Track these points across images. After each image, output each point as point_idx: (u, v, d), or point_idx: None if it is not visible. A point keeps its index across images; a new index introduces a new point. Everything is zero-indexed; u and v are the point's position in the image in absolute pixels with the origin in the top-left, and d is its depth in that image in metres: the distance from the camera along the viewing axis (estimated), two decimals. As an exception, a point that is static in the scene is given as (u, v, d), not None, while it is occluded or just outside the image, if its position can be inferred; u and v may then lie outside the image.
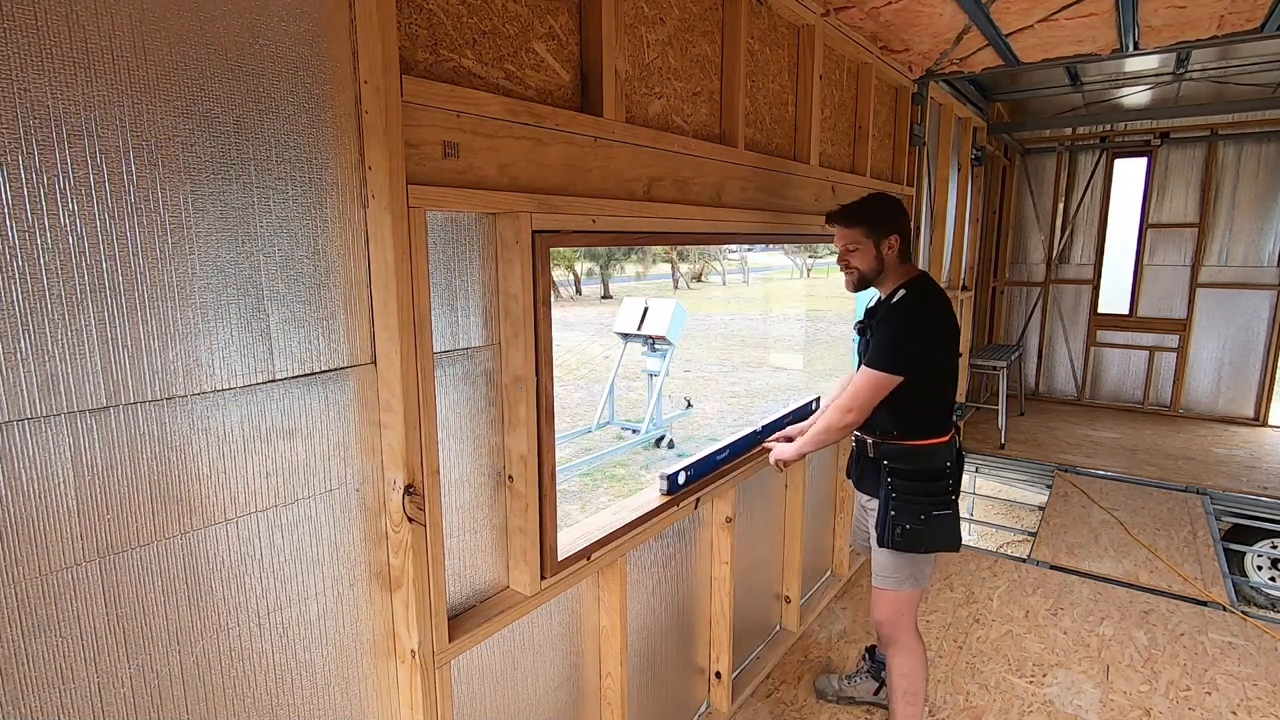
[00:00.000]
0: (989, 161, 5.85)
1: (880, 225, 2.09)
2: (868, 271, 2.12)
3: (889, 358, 2.00)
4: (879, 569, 2.17)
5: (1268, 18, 2.63)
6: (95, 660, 0.94)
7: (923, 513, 2.03)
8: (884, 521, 2.08)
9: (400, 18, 1.19)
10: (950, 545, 2.08)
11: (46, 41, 0.83)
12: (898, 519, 2.04)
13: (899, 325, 2.03)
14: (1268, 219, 5.84)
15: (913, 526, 2.03)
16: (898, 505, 2.04)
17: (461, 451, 1.44)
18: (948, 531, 2.07)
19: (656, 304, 8.43)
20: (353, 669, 1.28)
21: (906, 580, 2.13)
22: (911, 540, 2.04)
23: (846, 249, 2.14)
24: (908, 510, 2.04)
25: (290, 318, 1.11)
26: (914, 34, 2.92)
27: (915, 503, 2.04)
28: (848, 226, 2.12)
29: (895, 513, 2.04)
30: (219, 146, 1.00)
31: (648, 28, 1.81)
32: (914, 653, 2.18)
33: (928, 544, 2.05)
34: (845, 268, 2.17)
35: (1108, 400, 6.66)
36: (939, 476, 2.09)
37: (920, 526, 2.03)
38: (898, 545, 2.05)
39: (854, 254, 2.12)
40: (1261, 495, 4.35)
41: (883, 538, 2.08)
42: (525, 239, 1.43)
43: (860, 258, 2.11)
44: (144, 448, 0.96)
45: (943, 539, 2.06)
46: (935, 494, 2.06)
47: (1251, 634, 2.99)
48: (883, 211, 2.12)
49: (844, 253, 2.15)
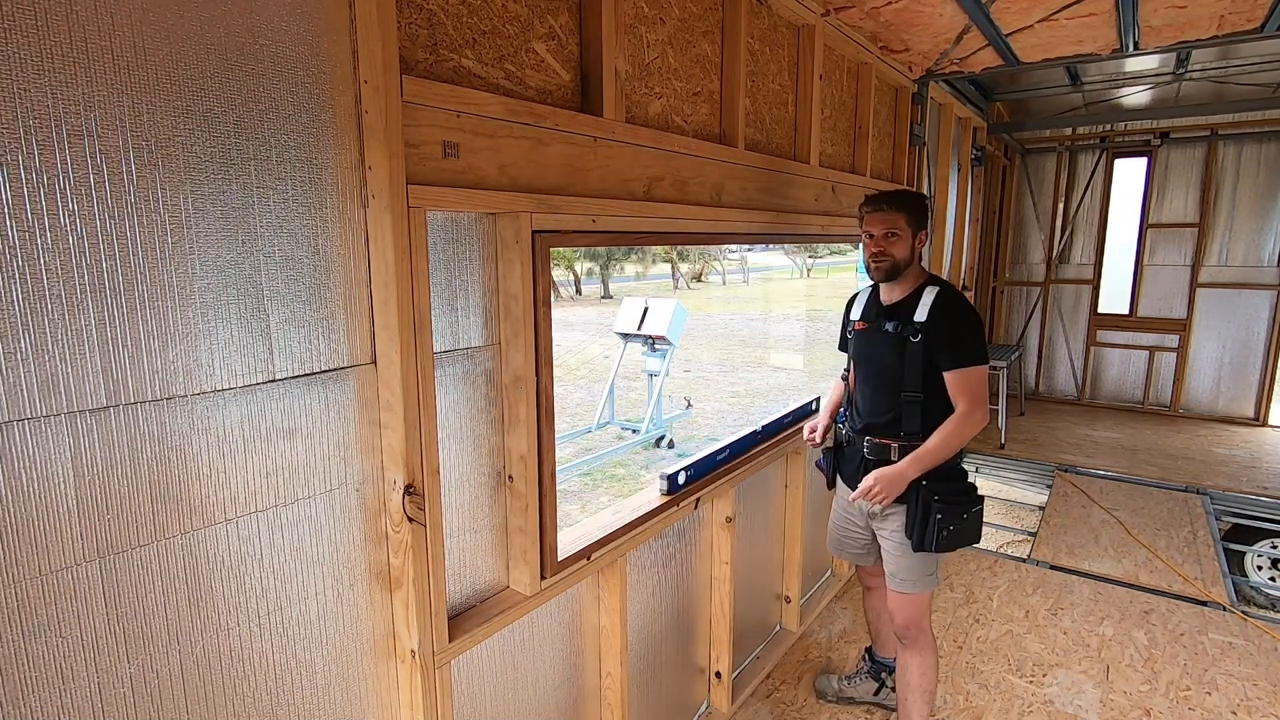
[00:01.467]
0: (989, 161, 5.85)
1: (919, 217, 2.08)
2: (901, 261, 2.08)
3: (979, 353, 2.01)
4: (907, 574, 2.13)
5: (1268, 18, 2.63)
6: (95, 660, 0.94)
7: (965, 511, 2.04)
8: (924, 525, 2.04)
9: (400, 18, 1.19)
10: (977, 538, 2.10)
11: (46, 41, 0.83)
12: (945, 520, 2.01)
13: (971, 322, 2.04)
14: (1268, 219, 5.84)
15: (956, 526, 2.02)
16: (943, 508, 2.01)
17: (461, 451, 1.44)
18: (977, 526, 2.09)
19: (656, 304, 8.43)
20: (353, 669, 1.28)
21: (930, 580, 2.13)
22: (955, 539, 2.03)
23: (887, 235, 2.07)
24: (952, 511, 2.02)
25: (290, 318, 1.11)
26: (914, 34, 2.92)
27: (958, 502, 2.03)
28: (893, 211, 2.07)
29: (942, 515, 2.01)
30: (219, 146, 1.00)
31: (648, 28, 1.81)
32: (932, 650, 2.19)
33: (965, 539, 2.06)
34: (880, 254, 2.09)
35: (1108, 400, 6.66)
36: (962, 475, 2.11)
37: (962, 525, 2.03)
38: (941, 546, 2.02)
39: (894, 241, 2.07)
40: (1261, 495, 4.35)
41: (924, 541, 2.04)
42: (525, 239, 1.43)
43: (900, 245, 2.07)
44: (144, 448, 0.96)
45: (974, 533, 2.08)
46: (969, 491, 2.07)
47: (1251, 634, 2.98)
48: (921, 205, 2.11)
49: (881, 238, 2.08)
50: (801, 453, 2.91)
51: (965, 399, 2.00)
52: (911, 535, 2.07)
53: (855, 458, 2.24)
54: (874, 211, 2.10)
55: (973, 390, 2.00)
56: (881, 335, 2.15)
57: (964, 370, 2.01)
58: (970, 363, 2.01)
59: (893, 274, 2.11)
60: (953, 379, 2.02)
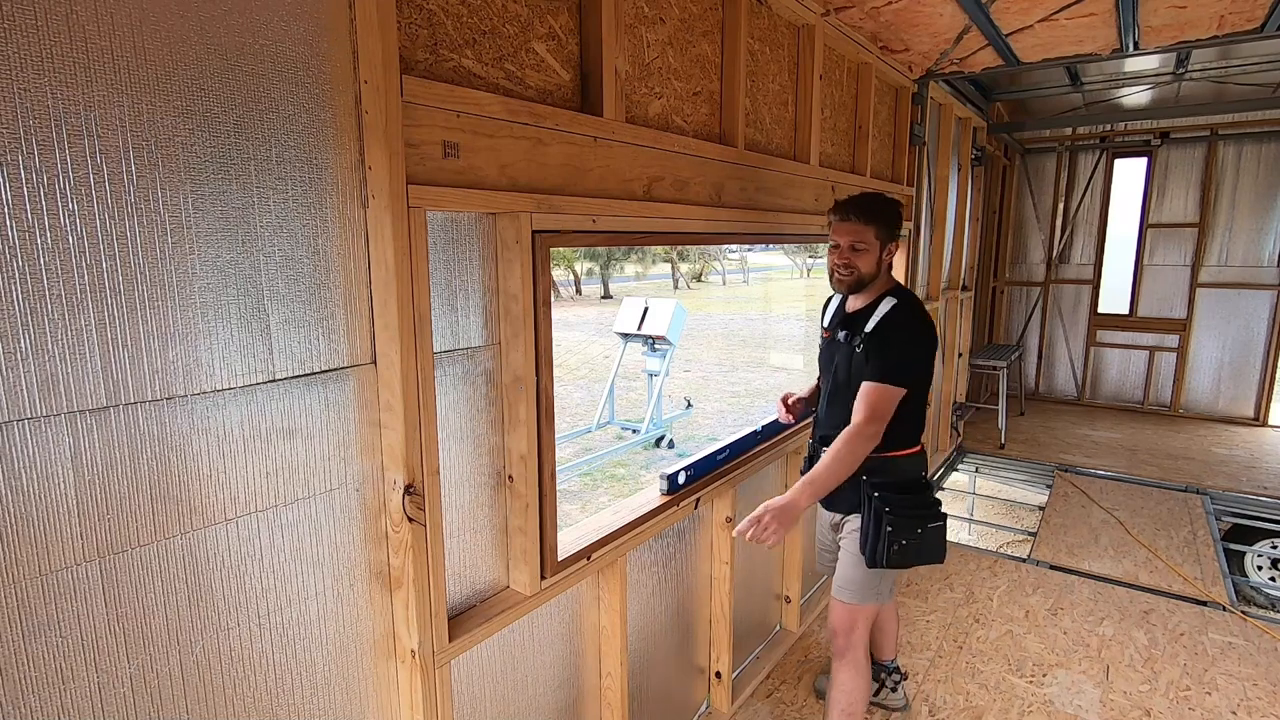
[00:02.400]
0: (989, 161, 5.85)
1: (891, 229, 1.99)
2: (867, 275, 2.00)
3: (900, 372, 1.91)
4: (849, 584, 2.07)
5: (1268, 18, 2.63)
6: (95, 660, 0.94)
7: (920, 526, 1.95)
8: (875, 538, 1.96)
9: (400, 18, 1.19)
10: (939, 557, 2.01)
11: (46, 41, 0.83)
12: (896, 534, 1.93)
13: (905, 338, 1.94)
14: (1268, 219, 5.84)
15: (909, 542, 1.94)
16: (895, 521, 1.93)
17: (461, 451, 1.44)
18: (938, 543, 2.00)
19: (656, 304, 8.43)
20: (353, 669, 1.28)
21: (872, 595, 2.06)
22: (907, 555, 1.95)
23: (853, 246, 1.97)
24: (906, 525, 1.94)
25: (290, 318, 1.11)
26: (914, 34, 2.92)
27: (912, 515, 1.95)
28: (863, 222, 1.96)
29: (893, 528, 1.93)
30: (219, 146, 1.00)
31: (648, 28, 1.81)
32: (860, 670, 2.09)
33: (922, 557, 1.97)
34: (845, 268, 2.00)
35: (1108, 400, 6.66)
36: (920, 488, 2.03)
37: (916, 540, 1.95)
38: (893, 562, 1.94)
39: (860, 254, 1.97)
40: (1261, 495, 4.35)
41: (875, 555, 1.96)
42: (525, 239, 1.43)
43: (866, 259, 1.98)
44: (144, 448, 0.96)
45: (934, 551, 1.99)
46: (928, 505, 1.99)
47: (1251, 634, 2.98)
48: (894, 215, 2.01)
49: (847, 250, 1.98)
50: (802, 453, 2.91)
51: (864, 412, 1.90)
52: (865, 548, 1.99)
53: None
54: (842, 221, 2.00)
55: (873, 406, 1.90)
56: (836, 345, 2.09)
57: (876, 385, 1.91)
58: (885, 379, 1.90)
59: (856, 288, 2.03)
60: (863, 390, 1.92)
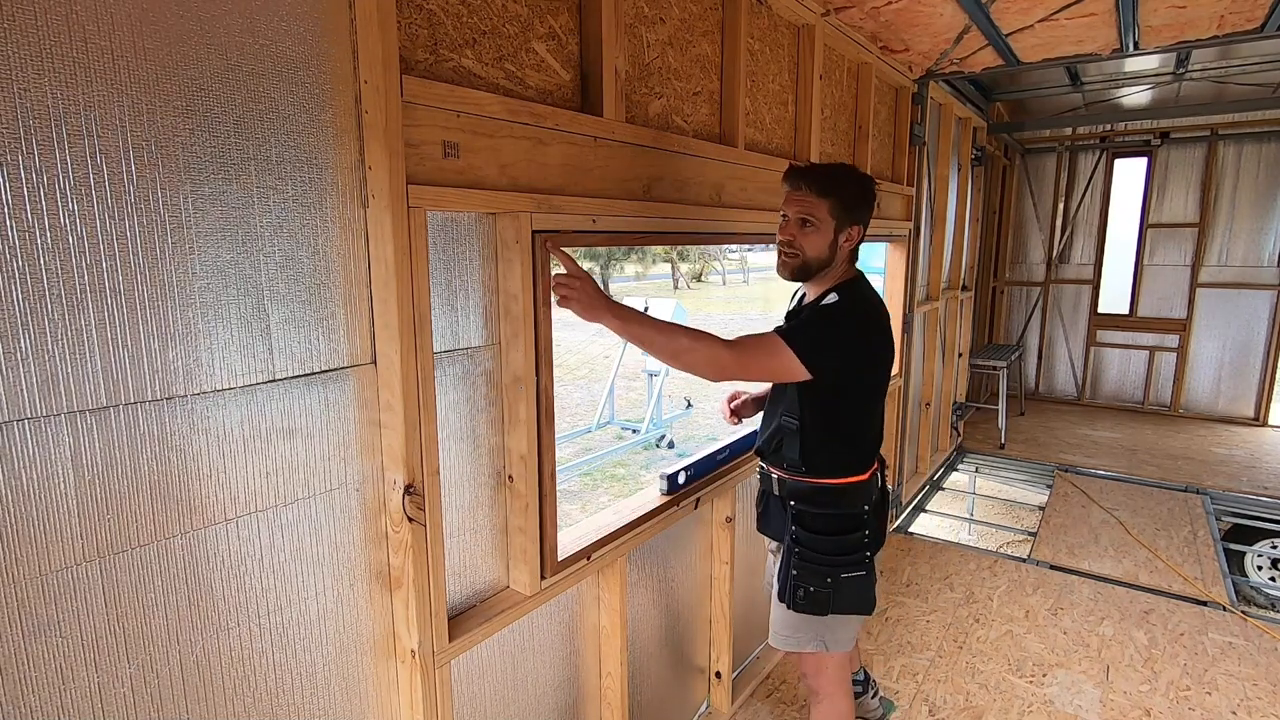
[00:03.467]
0: (989, 161, 5.85)
1: (851, 208, 1.66)
2: (814, 260, 1.66)
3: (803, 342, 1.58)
4: (776, 625, 1.82)
5: (1268, 18, 2.63)
6: (95, 660, 0.94)
7: (829, 575, 1.70)
8: (785, 577, 1.74)
9: (400, 18, 1.19)
10: (863, 608, 1.75)
11: (46, 41, 0.83)
12: (800, 579, 1.71)
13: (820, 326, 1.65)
14: (1268, 219, 5.84)
15: (816, 589, 1.70)
16: (800, 564, 1.70)
17: (461, 451, 1.44)
18: (860, 594, 1.73)
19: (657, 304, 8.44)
20: (353, 669, 1.28)
21: (810, 643, 1.77)
22: (816, 603, 1.71)
23: (801, 220, 1.64)
24: (812, 571, 1.70)
25: (290, 318, 1.11)
26: (914, 34, 2.92)
27: (822, 562, 1.70)
28: (815, 194, 1.63)
29: (798, 572, 1.71)
30: (219, 146, 1.00)
31: (648, 28, 1.81)
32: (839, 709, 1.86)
33: (835, 607, 1.71)
34: (788, 245, 1.67)
35: (1108, 400, 6.66)
36: (854, 527, 1.74)
37: (827, 590, 1.70)
38: (800, 608, 1.72)
39: (808, 232, 1.64)
40: (1261, 495, 4.35)
41: (783, 594, 1.75)
42: (525, 239, 1.43)
43: (813, 240, 1.64)
44: (144, 448, 0.96)
45: (854, 602, 1.73)
46: (847, 550, 1.72)
47: (1251, 634, 2.98)
48: (858, 192, 1.68)
49: (794, 224, 1.65)
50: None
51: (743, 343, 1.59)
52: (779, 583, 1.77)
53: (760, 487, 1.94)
54: (793, 190, 1.67)
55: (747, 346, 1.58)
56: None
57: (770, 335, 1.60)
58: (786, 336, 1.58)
59: (801, 275, 1.70)
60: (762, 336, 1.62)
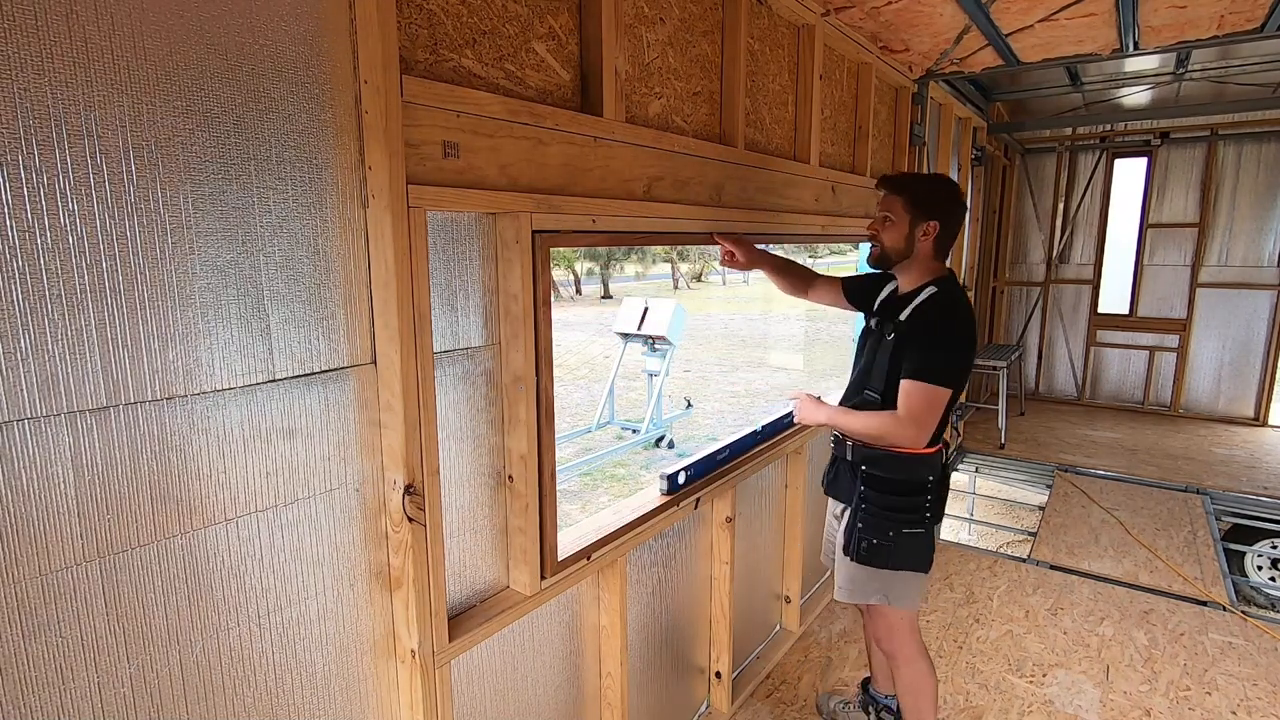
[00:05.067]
0: (989, 161, 5.85)
1: (925, 205, 1.91)
2: (891, 249, 1.94)
3: (944, 371, 1.82)
4: (841, 579, 2.03)
5: (1268, 18, 2.63)
6: (95, 660, 0.94)
7: (890, 529, 1.90)
8: (850, 531, 1.96)
9: (400, 18, 1.19)
10: (920, 565, 1.94)
11: (46, 41, 0.83)
12: (865, 531, 1.91)
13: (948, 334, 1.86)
14: (1268, 219, 5.84)
15: (879, 543, 1.90)
16: (865, 518, 1.91)
17: (461, 451, 1.44)
18: (918, 551, 1.93)
19: (656, 304, 8.44)
20: (353, 669, 1.28)
21: (874, 594, 1.97)
22: (875, 556, 1.91)
23: (882, 216, 1.95)
24: (875, 525, 1.91)
25: (290, 318, 1.11)
26: (914, 34, 2.92)
27: (884, 517, 1.90)
28: (892, 192, 1.94)
29: (862, 525, 1.91)
30: (219, 146, 1.00)
31: (648, 28, 1.81)
32: (918, 670, 2.05)
33: (895, 560, 1.92)
34: (871, 238, 1.99)
35: (1108, 400, 6.66)
36: (918, 490, 1.92)
37: (886, 544, 1.90)
38: (862, 558, 1.92)
39: (887, 226, 1.93)
40: (1261, 495, 4.35)
41: (848, 547, 1.96)
42: (525, 239, 1.43)
43: (890, 232, 1.92)
44: (144, 448, 0.96)
45: (912, 558, 1.93)
46: (908, 510, 1.91)
47: (1251, 634, 2.98)
48: (935, 193, 1.95)
49: (877, 221, 1.97)
50: (802, 453, 2.91)
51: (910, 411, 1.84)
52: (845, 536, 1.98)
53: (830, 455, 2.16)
54: (879, 190, 2.01)
55: (913, 408, 1.82)
56: (872, 330, 2.07)
57: (917, 384, 1.83)
58: (925, 379, 1.81)
59: (881, 263, 1.99)
60: (901, 389, 1.85)
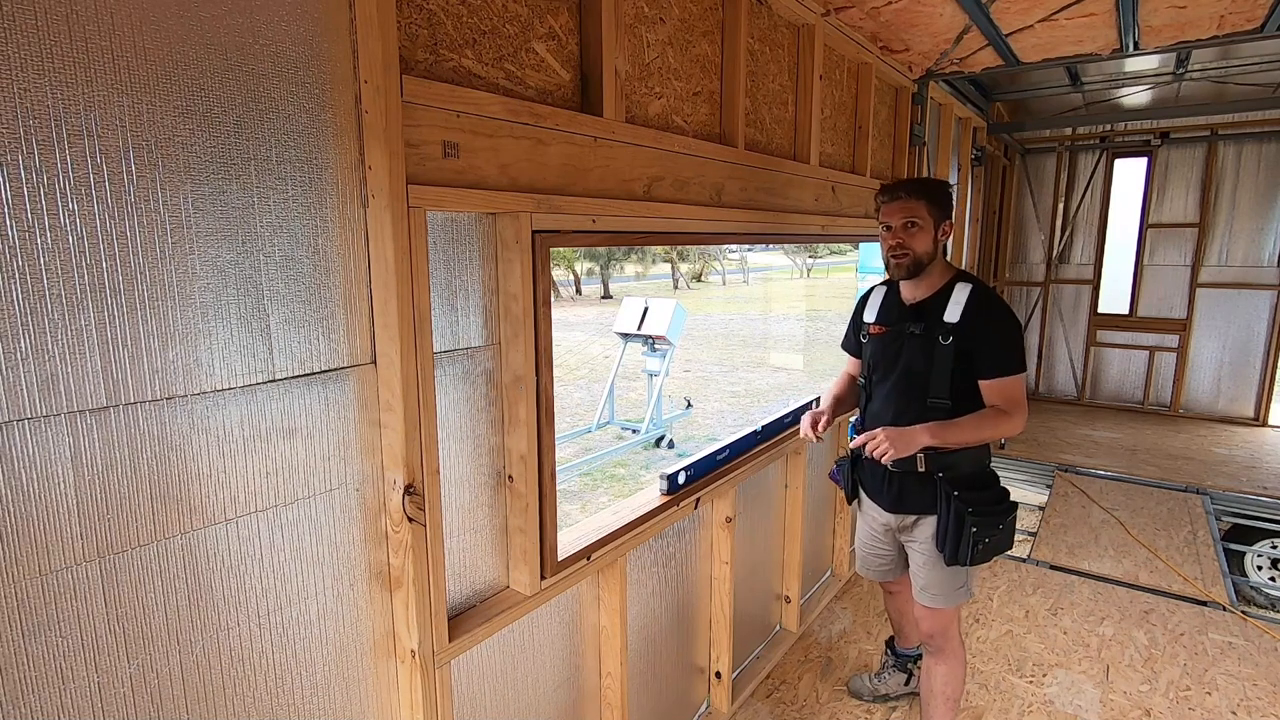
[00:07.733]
0: (989, 161, 5.85)
1: (943, 205, 1.91)
2: (924, 254, 1.90)
3: (1022, 359, 1.89)
4: (938, 587, 2.03)
5: (1268, 18, 2.63)
6: (95, 660, 0.94)
7: (1000, 521, 1.92)
8: (957, 538, 1.91)
9: (400, 18, 1.19)
10: (1011, 545, 2.02)
11: (46, 41, 0.83)
12: (981, 533, 1.89)
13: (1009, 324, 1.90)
14: (1268, 219, 5.84)
15: (992, 539, 1.92)
16: (978, 520, 1.88)
17: (461, 451, 1.44)
18: (1012, 533, 1.99)
19: (656, 304, 8.44)
20: (353, 669, 1.28)
21: (962, 593, 2.04)
22: (991, 551, 1.93)
23: (906, 226, 1.88)
24: (989, 523, 1.90)
25: (290, 317, 1.11)
26: (914, 34, 2.92)
27: (993, 513, 1.91)
28: (913, 198, 1.88)
29: (977, 528, 1.88)
30: (219, 146, 1.00)
31: (648, 28, 1.81)
32: (959, 659, 2.13)
33: (1001, 549, 1.97)
34: (899, 249, 1.90)
35: (1108, 400, 6.66)
36: (995, 477, 2.00)
37: (997, 536, 1.93)
38: (977, 559, 1.91)
39: (915, 232, 1.88)
40: (1261, 495, 4.35)
41: (958, 554, 1.92)
42: (525, 239, 1.43)
43: (921, 238, 1.89)
44: (144, 448, 0.96)
45: (1009, 541, 1.99)
46: (1001, 499, 1.96)
47: (1251, 634, 2.98)
48: (944, 192, 1.94)
49: (900, 230, 1.89)
50: (801, 453, 2.91)
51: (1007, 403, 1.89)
52: (943, 548, 1.95)
53: (879, 470, 2.09)
54: (890, 201, 1.93)
55: (1016, 398, 1.87)
56: (907, 338, 1.99)
57: (1006, 380, 1.87)
58: (1012, 371, 1.87)
59: (915, 270, 1.93)
60: (993, 387, 1.88)
